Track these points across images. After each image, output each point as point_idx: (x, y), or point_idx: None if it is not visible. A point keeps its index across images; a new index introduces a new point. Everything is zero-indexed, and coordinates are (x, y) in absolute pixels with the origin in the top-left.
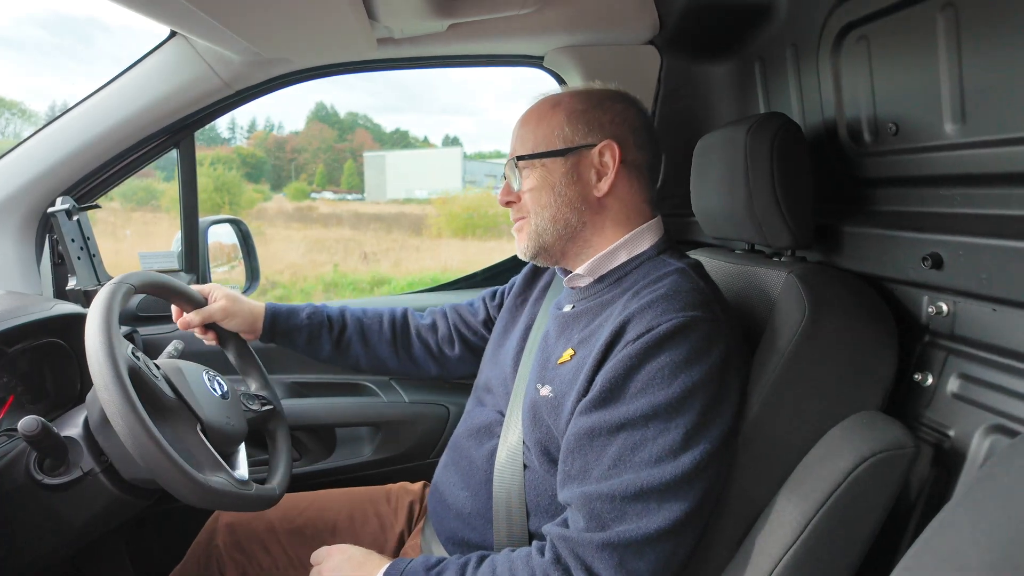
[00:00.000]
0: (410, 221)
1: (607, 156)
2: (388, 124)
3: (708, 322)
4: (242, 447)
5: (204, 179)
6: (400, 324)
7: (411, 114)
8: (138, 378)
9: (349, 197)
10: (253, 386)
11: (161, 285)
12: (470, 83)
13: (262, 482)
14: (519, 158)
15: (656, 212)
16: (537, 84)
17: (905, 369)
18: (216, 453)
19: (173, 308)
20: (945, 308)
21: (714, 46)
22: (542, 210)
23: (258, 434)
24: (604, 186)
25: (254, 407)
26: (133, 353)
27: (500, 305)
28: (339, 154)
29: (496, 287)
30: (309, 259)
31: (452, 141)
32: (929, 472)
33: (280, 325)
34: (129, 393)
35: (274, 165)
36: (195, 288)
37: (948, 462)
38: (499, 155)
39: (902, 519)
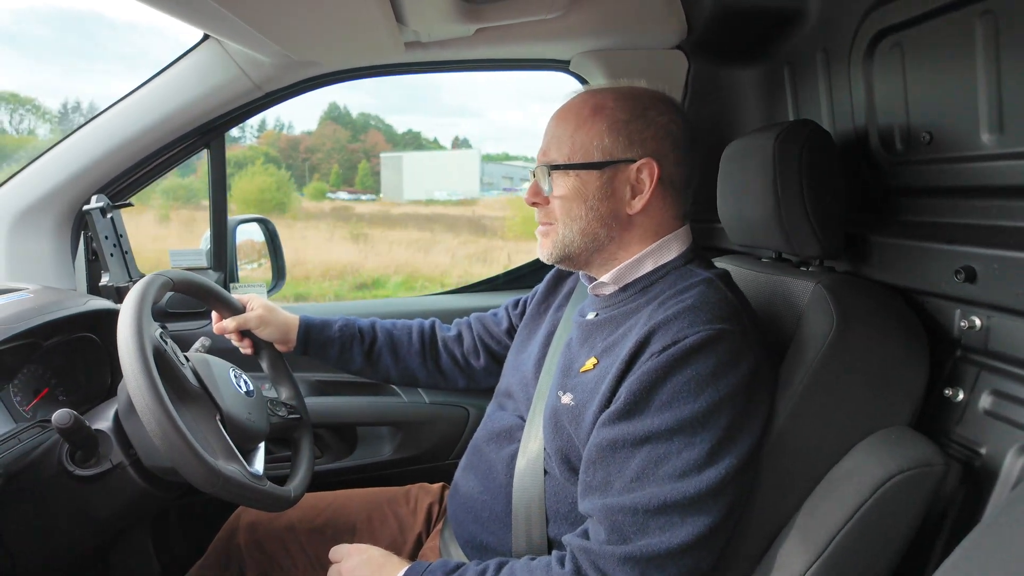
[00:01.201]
0: (453, 222)
1: (644, 174)
2: (397, 125)
3: (736, 334)
4: (262, 447)
5: (264, 178)
6: (428, 336)
7: (415, 115)
8: (163, 360)
9: (363, 197)
10: (284, 395)
11: (200, 287)
12: (472, 86)
13: (282, 481)
14: (553, 167)
15: (686, 221)
16: (537, 86)
17: (935, 384)
18: (233, 445)
19: (213, 314)
20: (978, 322)
21: (742, 51)
22: (572, 222)
23: (283, 439)
24: (638, 204)
25: (281, 413)
26: (162, 337)
27: (523, 313)
28: (352, 154)
29: (519, 296)
30: (429, 262)
31: (462, 143)
32: (958, 491)
33: (314, 337)
34: (150, 367)
35: (287, 165)
36: (235, 296)
37: (979, 481)
38: (507, 157)
39: (929, 539)
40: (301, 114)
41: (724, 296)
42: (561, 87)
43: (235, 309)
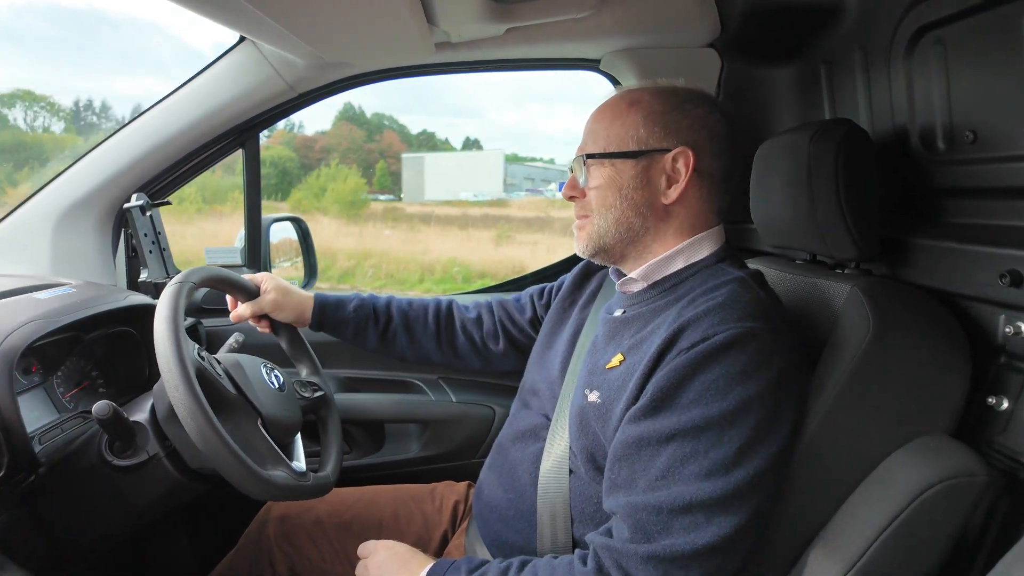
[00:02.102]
0: (524, 223)
1: (680, 163)
2: (410, 125)
3: (767, 333)
4: (298, 436)
5: (351, 179)
6: (445, 317)
7: (417, 115)
8: (204, 377)
9: (382, 197)
10: (304, 372)
11: (218, 279)
12: (472, 86)
13: (315, 470)
14: (588, 156)
15: (720, 220)
16: (538, 88)
17: (977, 392)
18: (276, 446)
19: (228, 299)
20: None
21: (777, 49)
22: (606, 211)
23: (310, 424)
24: (673, 194)
25: (306, 394)
26: (198, 354)
27: (547, 305)
28: (368, 155)
29: (544, 284)
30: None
31: (473, 143)
32: (1001, 503)
33: (328, 317)
34: (200, 399)
35: (303, 164)
36: (248, 278)
37: (1023, 493)
38: (516, 158)
39: (970, 552)
40: (309, 112)
41: (756, 295)
42: (560, 88)
43: (250, 293)
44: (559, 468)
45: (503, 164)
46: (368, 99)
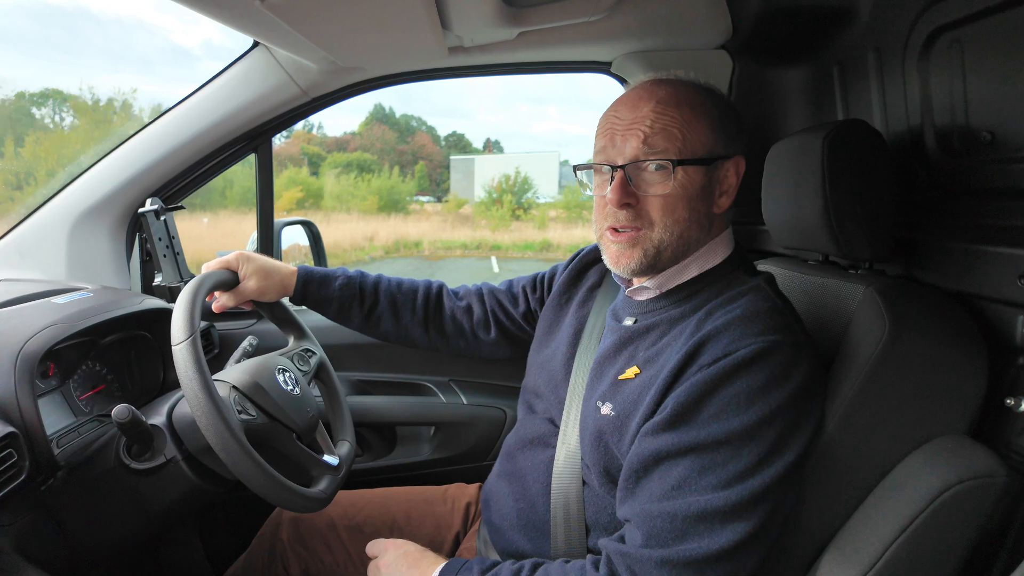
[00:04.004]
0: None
1: (732, 171)
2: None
3: (789, 346)
4: (321, 425)
5: (384, 181)
6: (434, 303)
7: (411, 115)
8: (246, 428)
9: (422, 199)
10: (291, 339)
11: (202, 286)
12: (462, 88)
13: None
14: (679, 162)
15: (729, 223)
16: (525, 90)
17: (995, 393)
18: (313, 453)
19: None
20: None
21: (789, 51)
22: (673, 225)
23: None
24: (724, 203)
25: (304, 368)
26: (233, 400)
27: (541, 299)
28: (402, 156)
29: (536, 274)
30: None
31: (495, 144)
32: (1021, 506)
33: (311, 293)
34: (248, 449)
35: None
36: (223, 261)
37: None
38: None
39: (990, 554)
40: (326, 115)
41: (774, 305)
42: (551, 89)
43: (228, 283)
44: (572, 478)
45: (558, 166)
46: (364, 98)
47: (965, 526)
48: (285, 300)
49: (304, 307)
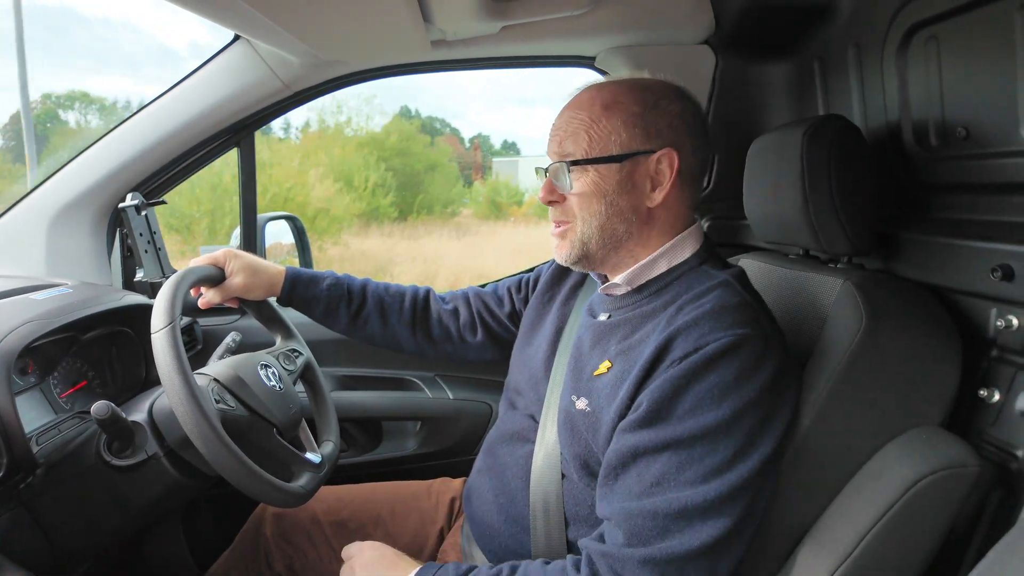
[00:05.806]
0: None
1: (664, 164)
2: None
3: (758, 339)
4: (304, 423)
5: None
6: (421, 307)
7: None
8: (224, 418)
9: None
10: (278, 339)
11: (184, 280)
12: (454, 87)
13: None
14: (572, 163)
15: (698, 218)
16: (517, 90)
17: (968, 385)
18: (294, 449)
19: (193, 291)
20: (1016, 322)
21: (772, 46)
22: (591, 218)
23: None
24: (658, 196)
25: (291, 368)
26: (212, 390)
27: (525, 299)
28: (462, 159)
29: (521, 275)
30: None
31: (510, 146)
32: (992, 494)
33: (299, 293)
34: (231, 447)
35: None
36: (210, 257)
37: (1014, 484)
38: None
39: (962, 542)
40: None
41: (743, 299)
42: (539, 87)
43: (215, 279)
44: (551, 472)
45: None
46: (387, 97)
47: (939, 514)
48: (272, 300)
49: (290, 307)
